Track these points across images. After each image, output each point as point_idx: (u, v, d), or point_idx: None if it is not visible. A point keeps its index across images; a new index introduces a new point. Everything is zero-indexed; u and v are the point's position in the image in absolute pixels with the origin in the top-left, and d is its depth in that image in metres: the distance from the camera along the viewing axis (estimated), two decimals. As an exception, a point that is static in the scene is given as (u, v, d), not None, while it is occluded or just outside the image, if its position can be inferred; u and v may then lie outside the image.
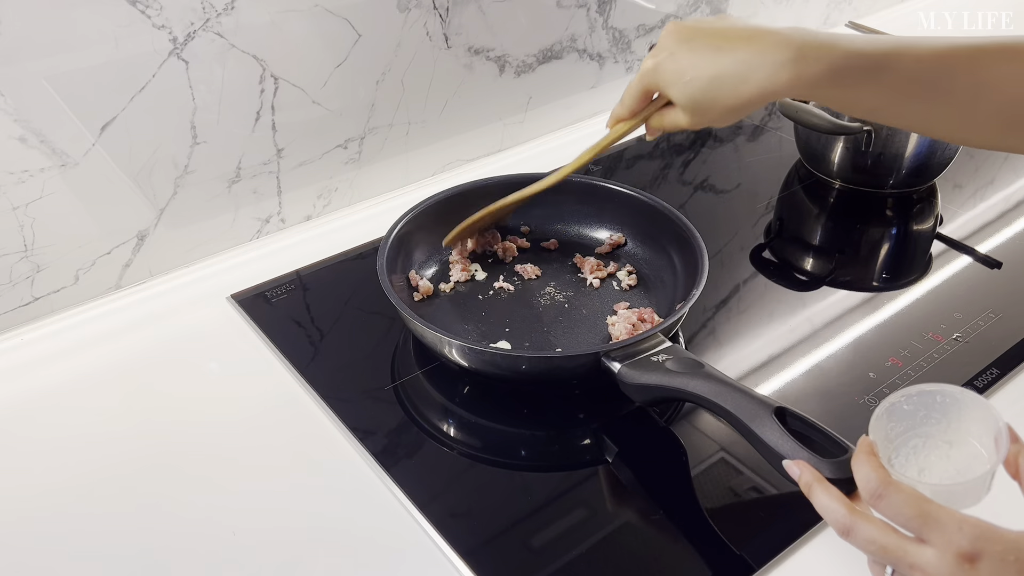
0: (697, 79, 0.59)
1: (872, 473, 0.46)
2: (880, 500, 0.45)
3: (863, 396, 0.68)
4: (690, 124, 0.63)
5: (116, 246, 0.80)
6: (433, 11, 0.89)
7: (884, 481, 0.46)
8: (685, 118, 0.62)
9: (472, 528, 0.59)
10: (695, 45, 0.60)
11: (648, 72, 0.62)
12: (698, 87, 0.59)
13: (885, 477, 0.46)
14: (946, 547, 0.43)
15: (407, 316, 0.68)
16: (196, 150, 0.80)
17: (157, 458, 0.65)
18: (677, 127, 0.64)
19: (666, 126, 0.65)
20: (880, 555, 0.46)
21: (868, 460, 0.47)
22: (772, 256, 0.89)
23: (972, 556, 0.43)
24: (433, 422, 0.68)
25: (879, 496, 0.45)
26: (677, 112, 0.62)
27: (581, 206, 0.85)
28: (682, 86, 0.60)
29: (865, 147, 0.92)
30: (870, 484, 0.46)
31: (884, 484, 0.45)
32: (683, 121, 0.63)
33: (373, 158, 0.93)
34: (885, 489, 0.45)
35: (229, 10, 0.75)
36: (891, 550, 0.45)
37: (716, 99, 0.59)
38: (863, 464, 0.47)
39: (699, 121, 0.62)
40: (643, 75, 0.63)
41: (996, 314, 0.77)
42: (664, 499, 0.61)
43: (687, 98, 0.60)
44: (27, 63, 0.68)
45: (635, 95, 0.65)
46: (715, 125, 0.63)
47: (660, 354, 0.64)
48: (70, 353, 0.75)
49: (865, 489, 0.46)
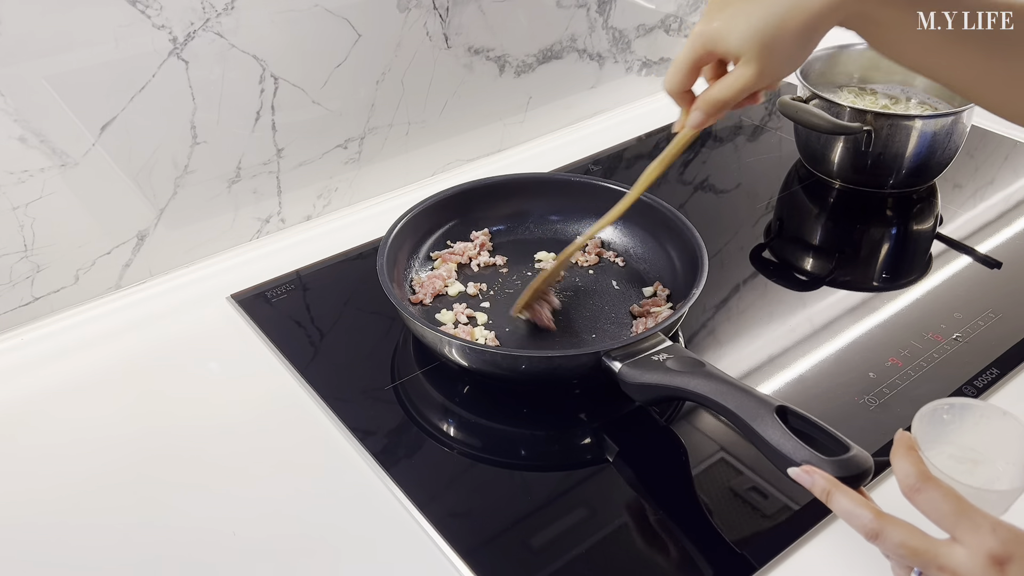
0: (754, 14, 0.53)
1: (912, 467, 0.46)
2: (918, 494, 0.45)
3: (863, 396, 0.68)
4: (758, 74, 0.54)
5: (116, 246, 0.80)
6: (433, 11, 0.89)
7: (924, 475, 0.45)
8: (750, 69, 0.54)
9: (472, 528, 0.59)
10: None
11: (698, 35, 0.56)
12: (759, 21, 0.53)
13: (925, 471, 0.45)
14: (978, 547, 0.43)
15: (407, 316, 0.68)
16: (196, 150, 0.80)
17: (157, 457, 0.65)
18: (740, 88, 0.56)
19: (727, 94, 0.57)
20: (910, 558, 0.45)
21: (908, 454, 0.47)
22: (772, 256, 0.89)
23: (1003, 559, 0.42)
24: (433, 422, 0.68)
25: (917, 490, 0.45)
26: (739, 69, 0.55)
27: (580, 205, 0.85)
28: (740, 29, 0.53)
29: (865, 147, 0.92)
30: (909, 478, 0.45)
31: (924, 478, 0.45)
32: (749, 75, 0.55)
33: (373, 158, 0.93)
34: (924, 484, 0.45)
35: (229, 10, 0.75)
36: (921, 552, 0.44)
37: (783, 26, 0.52)
38: (903, 458, 0.46)
39: (767, 66, 0.54)
40: (693, 39, 0.56)
41: (996, 314, 0.77)
42: (664, 499, 0.61)
43: (749, 37, 0.53)
44: (27, 63, 0.68)
45: (683, 67, 0.58)
46: (783, 71, 0.55)
47: (660, 353, 0.64)
48: (70, 353, 0.75)
49: (904, 483, 0.46)
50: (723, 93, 0.57)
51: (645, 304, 0.76)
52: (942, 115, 0.89)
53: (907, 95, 1.01)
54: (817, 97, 0.92)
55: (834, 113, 0.91)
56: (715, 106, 0.58)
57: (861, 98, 1.01)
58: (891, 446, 0.48)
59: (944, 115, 0.89)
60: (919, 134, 0.90)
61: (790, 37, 0.53)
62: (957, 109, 0.90)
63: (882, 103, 1.00)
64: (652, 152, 1.06)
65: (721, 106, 0.58)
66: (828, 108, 0.92)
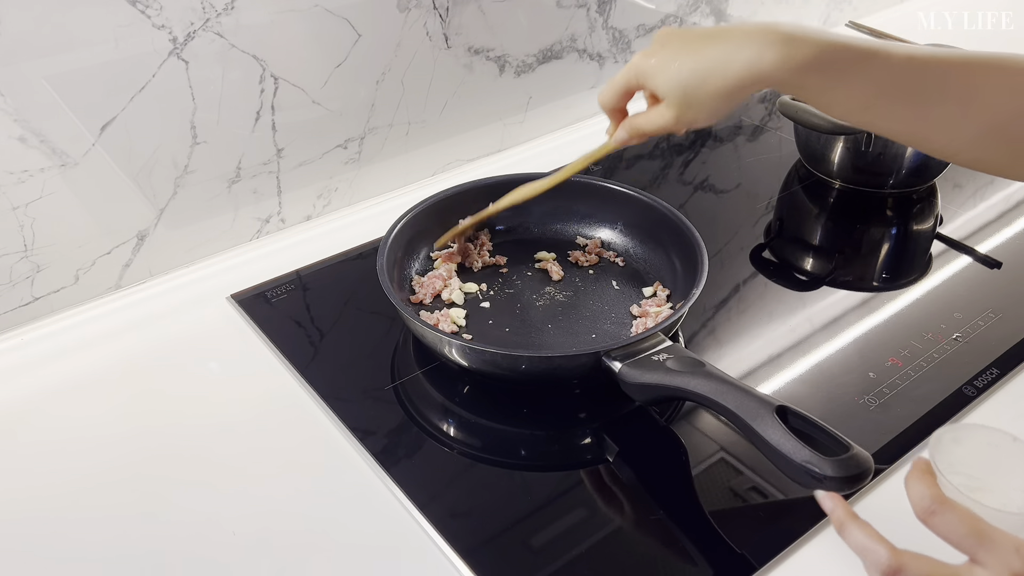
0: (684, 65, 0.56)
1: (927, 490, 0.45)
2: (933, 516, 0.45)
3: (863, 396, 0.68)
4: (675, 120, 0.59)
5: (116, 246, 0.80)
6: (433, 11, 0.89)
7: (939, 499, 0.45)
8: (670, 112, 0.59)
9: (472, 528, 0.59)
10: (686, 38, 0.58)
11: (633, 66, 0.60)
12: (685, 72, 0.56)
13: (939, 495, 0.45)
14: (1001, 569, 0.43)
15: (407, 316, 0.68)
16: (196, 150, 0.80)
17: (157, 458, 0.65)
18: (660, 126, 0.61)
19: (648, 127, 0.62)
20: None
21: (922, 478, 0.46)
22: (772, 256, 0.89)
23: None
24: (433, 422, 0.68)
25: (932, 512, 0.45)
26: (661, 108, 0.60)
27: (580, 205, 0.85)
28: (669, 75, 0.57)
29: (865, 147, 0.92)
30: (924, 501, 0.45)
31: (939, 501, 0.45)
32: (668, 117, 0.59)
33: (373, 158, 0.93)
34: (940, 507, 0.45)
35: (229, 10, 0.75)
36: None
37: (703, 83, 0.56)
38: (917, 481, 0.46)
39: (684, 114, 0.58)
40: (628, 69, 0.60)
41: (996, 314, 0.77)
42: (664, 499, 0.61)
43: (673, 86, 0.57)
44: (27, 63, 0.68)
45: (616, 89, 0.62)
46: (699, 121, 0.59)
47: (660, 353, 0.64)
48: (70, 353, 0.75)
49: (919, 506, 0.46)
50: (644, 126, 0.63)
51: (645, 304, 0.76)
52: (942, 115, 0.89)
53: (907, 95, 1.01)
54: (817, 97, 0.92)
55: (834, 113, 0.91)
56: (636, 132, 0.64)
57: (861, 98, 1.00)
58: (891, 446, 0.48)
59: (944, 115, 0.89)
60: (919, 134, 0.89)
61: (710, 94, 0.57)
62: (957, 109, 0.90)
63: (882, 103, 1.00)
64: (652, 152, 1.06)
65: (642, 134, 0.64)
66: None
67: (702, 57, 0.56)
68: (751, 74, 0.54)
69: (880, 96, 0.55)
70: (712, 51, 0.56)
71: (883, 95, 0.55)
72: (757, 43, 0.54)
